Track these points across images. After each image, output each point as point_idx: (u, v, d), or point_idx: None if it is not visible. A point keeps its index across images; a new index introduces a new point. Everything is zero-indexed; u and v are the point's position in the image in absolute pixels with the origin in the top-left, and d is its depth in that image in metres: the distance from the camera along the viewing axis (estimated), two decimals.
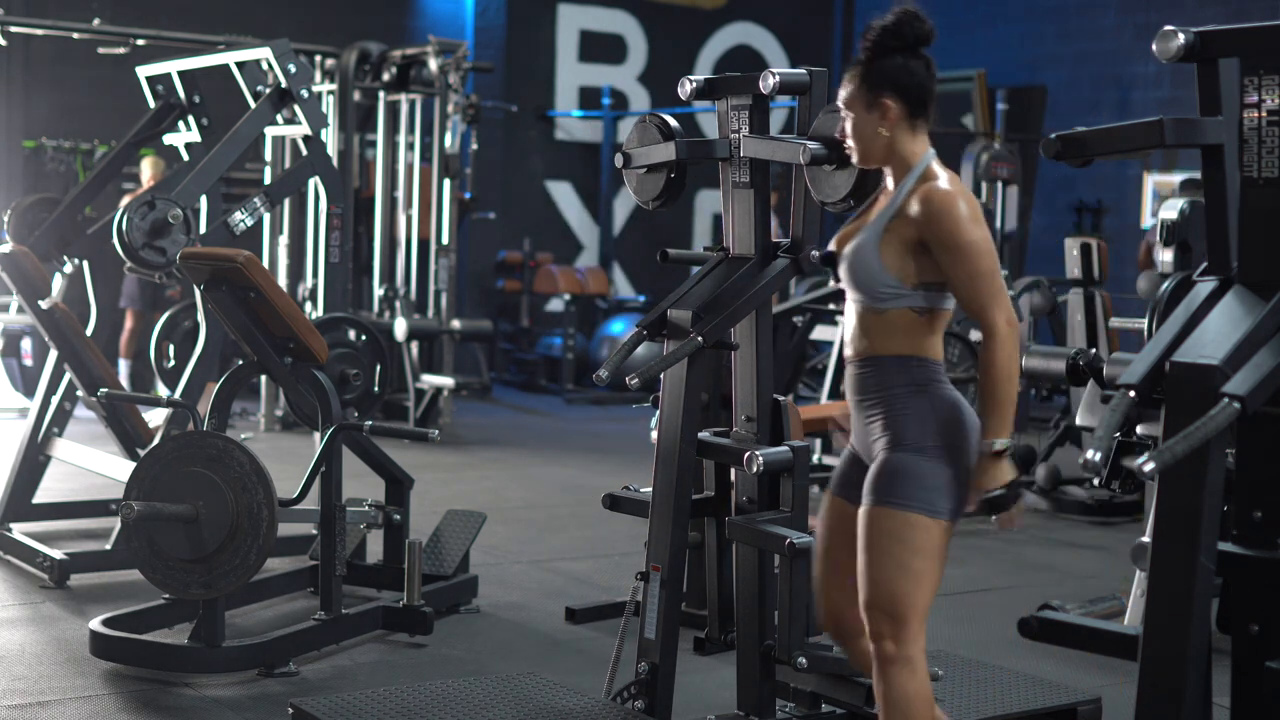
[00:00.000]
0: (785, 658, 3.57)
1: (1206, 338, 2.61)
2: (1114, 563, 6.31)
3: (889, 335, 2.99)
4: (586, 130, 14.10)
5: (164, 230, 5.50)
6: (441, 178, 9.97)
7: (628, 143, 3.90)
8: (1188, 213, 6.04)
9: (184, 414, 5.23)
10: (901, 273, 2.97)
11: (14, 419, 9.18)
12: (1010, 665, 4.36)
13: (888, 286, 2.98)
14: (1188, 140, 2.87)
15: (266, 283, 4.54)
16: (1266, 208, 2.72)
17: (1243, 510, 2.70)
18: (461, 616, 5.14)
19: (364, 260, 10.47)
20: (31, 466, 6.00)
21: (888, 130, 3.03)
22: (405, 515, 5.16)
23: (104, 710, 4.05)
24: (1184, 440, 2.40)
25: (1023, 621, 2.97)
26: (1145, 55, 12.12)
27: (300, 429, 9.04)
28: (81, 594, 5.25)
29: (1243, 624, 2.66)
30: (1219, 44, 2.80)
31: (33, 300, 5.92)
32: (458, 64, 9.86)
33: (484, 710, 3.71)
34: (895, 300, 2.99)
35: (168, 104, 6.47)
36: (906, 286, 2.98)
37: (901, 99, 3.01)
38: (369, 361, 5.57)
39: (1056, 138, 2.91)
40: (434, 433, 4.74)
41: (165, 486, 4.25)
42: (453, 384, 9.67)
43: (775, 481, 3.65)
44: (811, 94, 3.66)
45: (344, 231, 6.49)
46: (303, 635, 4.52)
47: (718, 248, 3.95)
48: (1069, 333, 7.48)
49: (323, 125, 5.97)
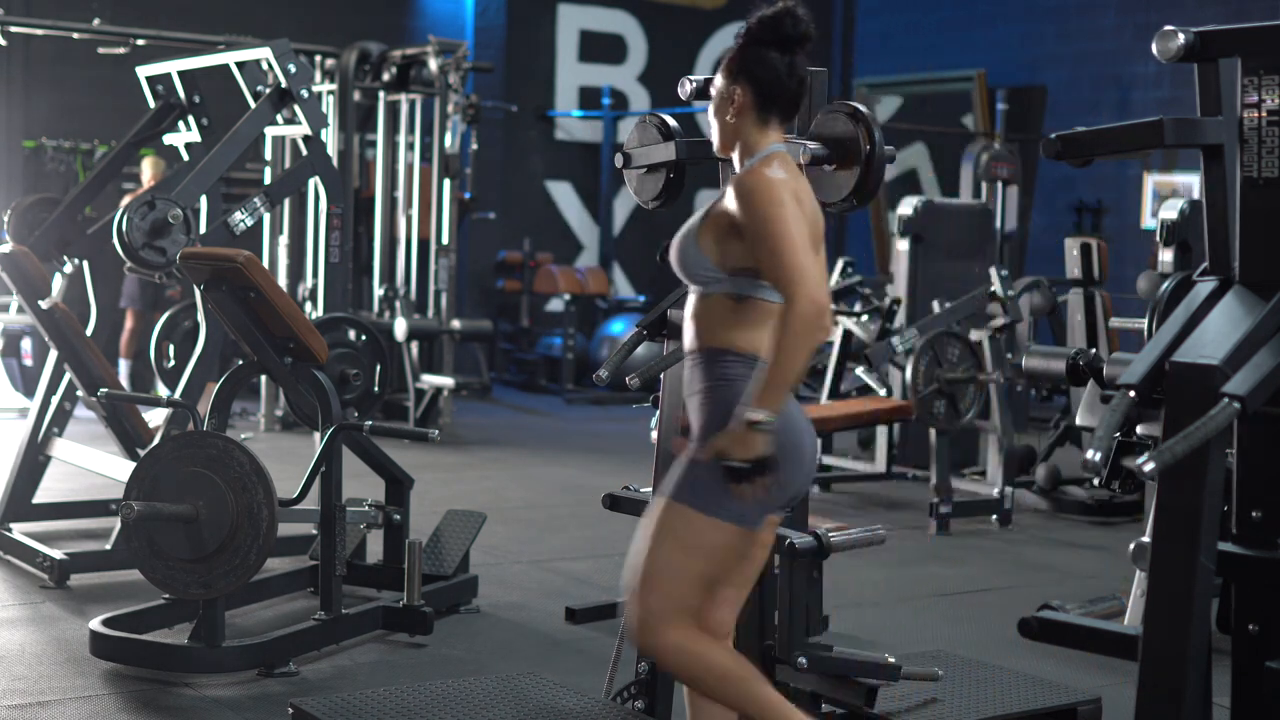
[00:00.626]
0: (785, 658, 3.57)
1: (1206, 338, 2.61)
2: (1114, 563, 6.31)
3: (710, 327, 2.98)
4: (586, 130, 14.10)
5: (164, 230, 5.50)
6: (441, 178, 9.97)
7: (628, 143, 3.90)
8: (1188, 213, 6.05)
9: (184, 414, 5.23)
10: (717, 257, 2.98)
11: (14, 419, 9.18)
12: (1010, 665, 4.36)
13: (704, 270, 2.99)
14: (1188, 140, 2.88)
15: (266, 283, 4.54)
16: (1266, 208, 2.73)
17: (1243, 510, 2.70)
18: (461, 616, 5.14)
19: (364, 260, 10.47)
20: (31, 466, 6.00)
21: (733, 118, 3.05)
22: (405, 515, 5.15)
23: (104, 710, 4.05)
24: (1184, 440, 2.40)
25: (1023, 621, 2.97)
26: (1145, 55, 12.11)
27: (300, 429, 9.05)
28: (81, 594, 5.25)
29: (1243, 624, 2.66)
30: (1219, 44, 2.80)
31: (33, 300, 5.92)
32: (458, 64, 9.86)
33: (484, 710, 3.71)
34: (712, 285, 3.00)
35: (168, 104, 6.47)
36: (722, 272, 2.98)
37: (753, 90, 3.02)
38: (369, 361, 5.57)
39: (1056, 138, 2.92)
40: (434, 433, 4.74)
41: (165, 486, 4.25)
42: (453, 384, 9.67)
43: None
44: (811, 94, 3.65)
45: (344, 231, 6.49)
46: (303, 635, 4.52)
47: None
48: (1069, 333, 7.48)
49: (323, 125, 5.97)
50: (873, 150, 3.42)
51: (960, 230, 8.70)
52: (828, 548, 3.50)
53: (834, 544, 3.51)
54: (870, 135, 3.42)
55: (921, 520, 7.15)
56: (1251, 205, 2.75)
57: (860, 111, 3.47)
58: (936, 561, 6.37)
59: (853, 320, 8.31)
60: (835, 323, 8.25)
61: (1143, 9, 12.48)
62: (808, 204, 2.98)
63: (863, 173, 3.41)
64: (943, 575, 6.12)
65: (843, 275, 9.00)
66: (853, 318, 8.33)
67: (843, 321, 8.27)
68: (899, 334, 7.43)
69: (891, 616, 5.38)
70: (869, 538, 3.69)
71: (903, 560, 6.31)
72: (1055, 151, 2.92)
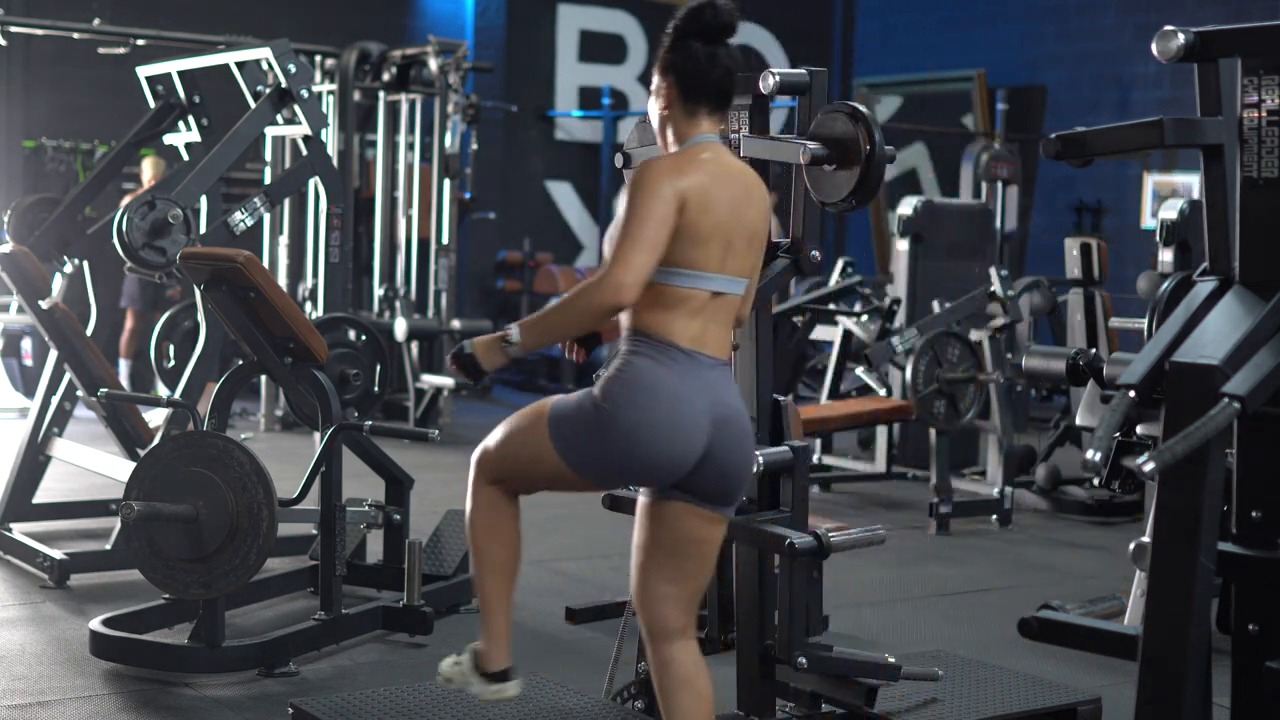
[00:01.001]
0: (785, 658, 3.57)
1: (1206, 338, 2.61)
2: (1114, 563, 6.31)
3: (633, 311, 3.01)
4: (586, 130, 14.10)
5: (164, 230, 5.50)
6: (441, 178, 9.97)
7: (628, 143, 3.90)
8: (1188, 213, 6.05)
9: (184, 414, 5.23)
10: None
11: (14, 419, 9.18)
12: (1010, 665, 4.36)
13: None
14: (1188, 140, 2.87)
15: (266, 283, 4.54)
16: (1266, 208, 2.73)
17: (1243, 510, 2.70)
18: (461, 616, 5.14)
19: (364, 260, 10.47)
20: (31, 466, 6.00)
21: (665, 110, 3.10)
22: (405, 515, 5.15)
23: (104, 710, 4.05)
24: (1184, 440, 2.40)
25: (1023, 621, 2.97)
26: (1145, 55, 12.09)
27: (300, 429, 9.04)
28: (81, 594, 5.25)
29: (1243, 624, 2.66)
30: (1219, 44, 2.80)
31: (33, 300, 5.92)
32: (458, 64, 9.86)
33: (484, 710, 3.71)
34: None
35: (168, 104, 6.47)
36: None
37: (677, 81, 3.06)
38: (369, 361, 5.57)
39: (1056, 138, 2.91)
40: (434, 433, 4.74)
41: (165, 486, 4.25)
42: (453, 384, 9.67)
43: (775, 481, 3.65)
44: (811, 94, 3.66)
45: (344, 231, 6.49)
46: (303, 635, 4.52)
47: None
48: (1069, 333, 7.48)
49: (323, 125, 5.97)
50: (873, 150, 3.42)
51: (960, 230, 8.70)
52: (828, 548, 3.49)
53: (834, 544, 3.51)
54: (870, 135, 3.43)
55: (921, 520, 7.15)
56: (1251, 205, 2.75)
57: (860, 111, 3.47)
58: (936, 561, 6.37)
59: (853, 320, 8.31)
60: (837, 323, 8.25)
61: (1143, 9, 12.48)
62: (715, 195, 2.96)
63: (863, 173, 3.41)
64: (943, 575, 6.12)
65: (843, 275, 9.00)
66: (853, 318, 8.33)
67: (843, 321, 8.27)
68: (899, 334, 7.43)
69: (891, 616, 5.38)
70: (869, 538, 3.69)
71: (903, 560, 6.31)
72: (1055, 151, 2.92)
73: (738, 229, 3.00)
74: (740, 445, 3.04)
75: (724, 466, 3.01)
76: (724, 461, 3.01)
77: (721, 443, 2.99)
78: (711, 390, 2.99)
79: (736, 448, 3.03)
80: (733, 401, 3.04)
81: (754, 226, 3.05)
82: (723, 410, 3.00)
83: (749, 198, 3.04)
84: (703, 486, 3.02)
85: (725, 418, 3.00)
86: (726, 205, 2.98)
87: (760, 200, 3.08)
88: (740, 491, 3.11)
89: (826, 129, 3.51)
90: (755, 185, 3.09)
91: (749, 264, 3.07)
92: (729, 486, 3.05)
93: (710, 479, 3.01)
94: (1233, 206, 2.81)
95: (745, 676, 3.68)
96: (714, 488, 3.03)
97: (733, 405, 3.03)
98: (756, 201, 3.06)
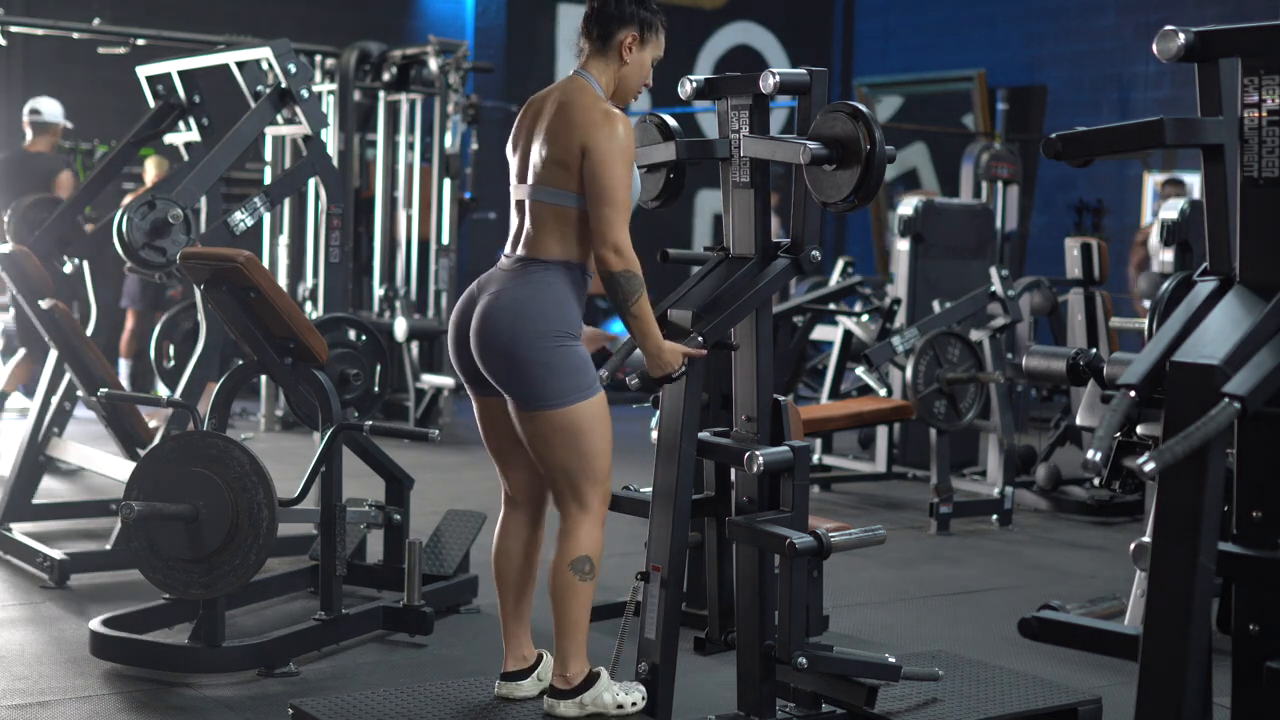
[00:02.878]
0: (785, 658, 3.57)
1: (1207, 338, 2.61)
2: (1114, 563, 6.31)
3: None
4: None
5: (164, 230, 5.50)
6: (441, 178, 9.97)
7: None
8: (1188, 213, 6.05)
9: (184, 414, 5.23)
10: None
11: (14, 419, 9.18)
12: (1010, 665, 4.36)
13: None
14: (1188, 140, 2.87)
15: (266, 283, 4.54)
16: (1266, 208, 2.72)
17: (1243, 510, 2.70)
18: (461, 616, 5.14)
19: (364, 260, 10.47)
20: (31, 466, 6.00)
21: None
22: (405, 515, 5.16)
23: (104, 710, 4.05)
24: (1184, 440, 2.40)
25: (1023, 621, 2.97)
26: (1145, 55, 12.13)
27: (300, 429, 9.04)
28: (81, 594, 5.26)
29: (1243, 624, 2.66)
30: (1219, 44, 2.79)
31: (33, 300, 5.92)
32: (458, 64, 9.86)
33: (484, 710, 3.71)
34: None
35: (168, 104, 6.47)
36: None
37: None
38: (369, 361, 5.57)
39: (1057, 138, 2.91)
40: (434, 433, 4.74)
41: (165, 486, 4.25)
42: (453, 384, 9.67)
43: (775, 481, 3.65)
44: (812, 94, 3.66)
45: (344, 231, 6.50)
46: (303, 635, 4.52)
47: (718, 248, 3.95)
48: (1069, 333, 7.48)
49: (323, 125, 5.97)
50: (873, 150, 3.42)
51: (960, 230, 8.70)
52: (828, 548, 3.50)
53: (834, 544, 3.52)
54: (871, 135, 3.43)
55: (921, 520, 7.15)
56: (1251, 205, 2.75)
57: (860, 111, 3.47)
58: (936, 561, 6.37)
59: (853, 320, 8.30)
60: (837, 323, 8.24)
61: (1143, 9, 12.48)
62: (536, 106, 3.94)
63: (863, 173, 3.42)
64: (943, 575, 6.12)
65: (843, 275, 8.99)
66: (853, 318, 8.33)
67: (843, 321, 8.26)
68: (899, 334, 7.43)
69: (891, 616, 5.38)
70: (869, 538, 3.69)
71: (903, 560, 6.31)
72: (1055, 151, 2.92)
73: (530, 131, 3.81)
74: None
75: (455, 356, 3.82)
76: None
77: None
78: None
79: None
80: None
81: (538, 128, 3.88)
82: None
83: (540, 107, 3.91)
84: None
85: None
86: (533, 112, 3.93)
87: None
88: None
89: (827, 129, 3.51)
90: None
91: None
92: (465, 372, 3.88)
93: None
94: (1233, 206, 2.81)
95: (745, 676, 3.68)
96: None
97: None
98: (542, 109, 3.91)
